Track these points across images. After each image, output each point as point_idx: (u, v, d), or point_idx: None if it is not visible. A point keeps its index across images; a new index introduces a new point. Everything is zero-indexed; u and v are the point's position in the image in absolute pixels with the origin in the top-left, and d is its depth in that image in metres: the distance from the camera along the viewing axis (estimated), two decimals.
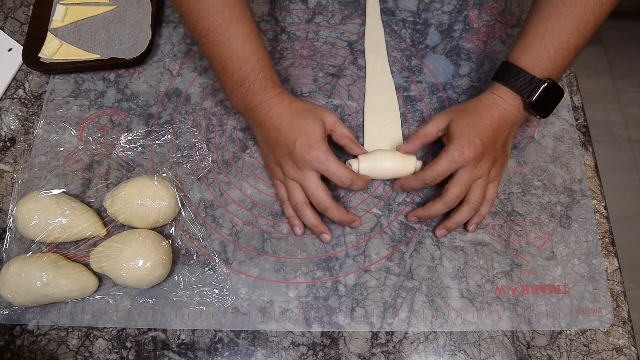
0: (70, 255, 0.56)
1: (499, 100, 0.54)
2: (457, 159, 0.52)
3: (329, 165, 0.52)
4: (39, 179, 0.60)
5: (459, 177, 0.52)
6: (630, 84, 1.60)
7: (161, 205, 0.55)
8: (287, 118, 0.53)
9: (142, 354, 0.52)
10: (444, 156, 0.52)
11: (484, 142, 0.52)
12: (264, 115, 0.54)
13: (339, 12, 0.69)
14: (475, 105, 0.54)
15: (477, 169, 0.52)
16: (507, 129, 0.54)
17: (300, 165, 0.52)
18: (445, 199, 0.53)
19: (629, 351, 0.52)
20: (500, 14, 0.68)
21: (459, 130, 0.53)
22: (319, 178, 0.53)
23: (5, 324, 0.54)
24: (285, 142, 0.53)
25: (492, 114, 0.53)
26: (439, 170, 0.53)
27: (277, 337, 0.53)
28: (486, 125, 0.52)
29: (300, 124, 0.53)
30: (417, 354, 0.52)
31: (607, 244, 0.56)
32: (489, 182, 0.54)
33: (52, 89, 0.65)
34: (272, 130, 0.54)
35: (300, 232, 0.56)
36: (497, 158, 0.54)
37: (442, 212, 0.54)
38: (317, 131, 0.52)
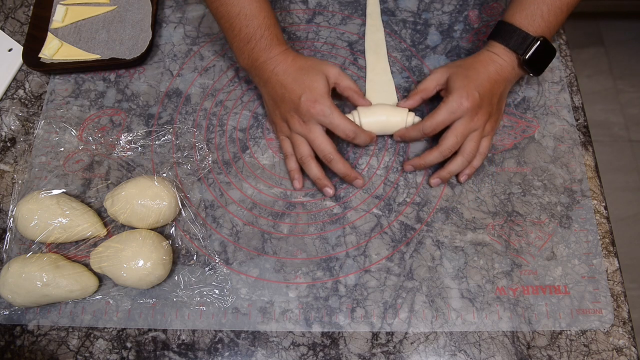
0: (70, 255, 0.56)
1: (494, 57, 0.56)
2: (456, 110, 0.54)
3: (333, 118, 0.54)
4: (39, 179, 0.60)
5: (455, 127, 0.55)
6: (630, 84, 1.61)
7: (161, 205, 0.55)
8: (292, 74, 0.55)
9: (142, 354, 0.52)
10: (443, 107, 0.55)
11: (481, 94, 0.54)
12: (270, 72, 0.56)
13: (339, 12, 0.69)
14: (473, 61, 0.57)
15: (474, 121, 0.55)
16: (503, 85, 0.57)
17: (306, 119, 0.54)
18: (440, 148, 0.55)
19: (629, 351, 0.52)
20: (500, 14, 0.68)
21: (457, 83, 0.55)
22: (323, 131, 0.55)
23: (5, 324, 0.54)
24: (290, 97, 0.55)
25: (489, 69, 0.56)
26: (438, 120, 0.55)
27: (277, 337, 0.53)
28: (483, 79, 0.55)
29: (305, 80, 0.55)
30: (417, 354, 0.52)
31: (607, 244, 0.56)
32: (483, 135, 0.56)
33: (52, 89, 0.65)
34: (277, 86, 0.56)
35: (299, 185, 0.58)
36: (492, 113, 0.57)
37: (437, 161, 0.57)
38: (320, 85, 0.54)
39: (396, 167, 0.60)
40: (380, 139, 0.61)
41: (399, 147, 0.61)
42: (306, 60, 0.57)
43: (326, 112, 0.54)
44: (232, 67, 0.66)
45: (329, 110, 0.54)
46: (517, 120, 0.62)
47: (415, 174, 0.59)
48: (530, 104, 0.63)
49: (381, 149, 0.61)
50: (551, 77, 0.64)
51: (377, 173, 0.60)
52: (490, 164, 0.60)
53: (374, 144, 0.61)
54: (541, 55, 0.56)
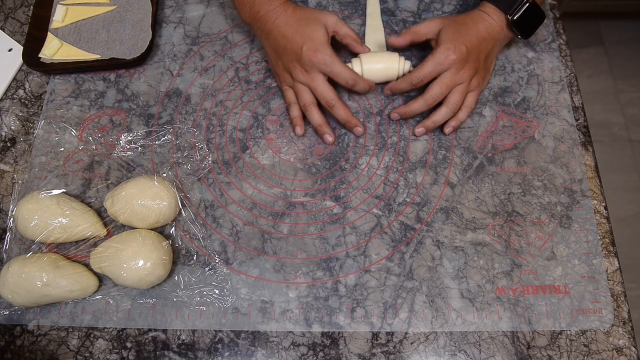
0: (70, 255, 0.56)
1: (484, 16, 0.59)
2: (442, 61, 0.56)
3: (333, 66, 0.56)
4: (39, 179, 0.60)
5: (441, 78, 0.57)
6: (630, 84, 1.61)
7: (161, 205, 0.55)
8: (293, 25, 0.57)
9: (142, 354, 0.52)
10: (431, 58, 0.57)
11: (468, 49, 0.56)
12: (271, 23, 0.58)
13: (339, 12, 0.69)
14: (464, 18, 0.59)
15: (460, 74, 0.57)
16: (491, 43, 0.59)
17: (308, 68, 0.57)
18: (425, 96, 0.58)
19: (629, 351, 0.52)
20: None
21: (447, 36, 0.57)
22: (325, 79, 0.58)
23: (5, 324, 0.54)
24: (292, 48, 0.57)
25: (478, 26, 0.58)
26: (425, 72, 0.57)
27: (277, 337, 0.53)
28: (472, 35, 0.57)
29: (305, 30, 0.56)
30: (417, 354, 0.52)
31: (607, 244, 0.56)
32: (469, 90, 0.59)
33: (52, 89, 0.65)
34: (279, 38, 0.58)
35: (301, 132, 0.61)
36: (479, 69, 0.59)
37: (422, 110, 0.59)
38: (320, 35, 0.56)
39: (396, 167, 0.60)
40: (380, 138, 0.61)
41: (399, 147, 0.61)
42: (305, 10, 0.59)
43: (327, 61, 0.56)
44: (232, 67, 0.66)
45: (330, 58, 0.56)
46: (517, 120, 0.62)
47: (415, 174, 0.59)
48: (530, 104, 0.63)
49: (381, 149, 0.61)
50: (551, 77, 0.64)
51: (377, 173, 0.60)
52: (490, 164, 0.60)
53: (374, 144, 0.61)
54: (530, 18, 0.58)
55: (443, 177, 0.59)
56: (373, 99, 0.64)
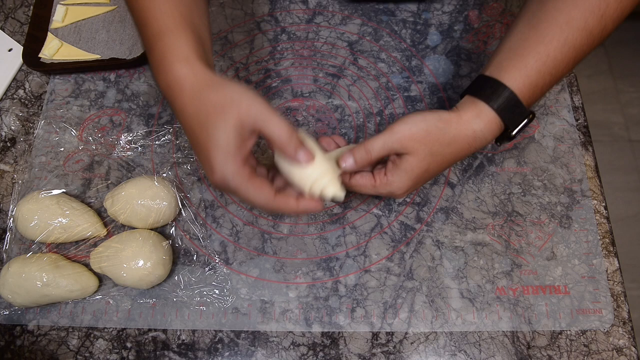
0: (70, 255, 0.56)
1: (482, 138, 0.45)
2: (383, 192, 0.47)
3: (239, 192, 0.40)
4: (39, 179, 0.60)
5: (373, 191, 0.48)
6: (630, 84, 1.61)
7: (161, 205, 0.55)
8: (189, 122, 0.40)
9: (142, 354, 0.52)
10: (373, 183, 0.47)
11: (423, 184, 0.48)
12: (172, 103, 0.41)
13: (339, 12, 0.69)
14: (452, 138, 0.45)
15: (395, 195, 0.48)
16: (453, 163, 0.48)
17: (217, 187, 0.41)
18: (354, 188, 0.48)
19: (629, 351, 0.52)
20: (500, 14, 0.68)
21: (410, 171, 0.45)
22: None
23: (5, 324, 0.54)
24: (195, 152, 0.42)
25: (459, 155, 0.46)
26: (359, 188, 0.48)
27: (277, 337, 0.53)
28: (440, 170, 0.47)
29: (201, 133, 0.39)
30: (417, 354, 0.52)
31: (607, 244, 0.56)
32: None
33: (52, 89, 0.65)
34: (184, 129, 0.41)
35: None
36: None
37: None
38: (220, 141, 0.38)
39: None
40: None
41: None
42: (208, 95, 0.39)
43: (229, 185, 0.39)
44: (232, 67, 0.66)
45: (231, 181, 0.39)
46: None
47: None
48: None
49: None
50: None
51: None
52: (490, 164, 0.60)
53: None
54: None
55: (443, 177, 0.59)
56: (373, 99, 0.64)
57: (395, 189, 0.46)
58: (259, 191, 0.40)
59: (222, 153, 0.38)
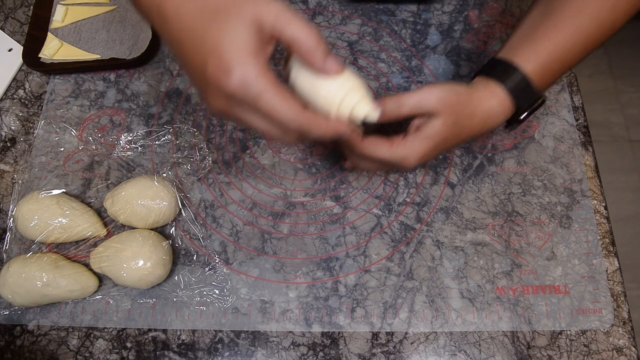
0: (70, 255, 0.56)
1: (495, 116, 0.46)
2: (396, 158, 0.45)
3: (261, 100, 0.32)
4: (39, 179, 0.60)
5: (383, 164, 0.47)
6: (630, 84, 1.61)
7: (161, 205, 0.55)
8: (187, 22, 0.32)
9: (142, 354, 0.52)
10: (389, 145, 0.44)
11: (424, 163, 0.48)
12: (156, 15, 0.34)
13: (339, 12, 0.69)
14: (472, 112, 0.45)
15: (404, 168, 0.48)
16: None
17: (223, 102, 0.34)
18: (358, 166, 0.49)
19: (629, 351, 0.52)
20: (500, 14, 0.68)
21: (430, 135, 0.44)
22: (260, 114, 0.34)
23: (5, 324, 0.54)
24: (192, 65, 0.33)
25: (473, 132, 0.47)
26: (372, 150, 0.45)
27: (277, 337, 0.53)
28: (456, 144, 0.47)
29: (210, 33, 0.31)
30: (417, 354, 0.52)
31: (607, 244, 0.56)
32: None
33: (52, 89, 0.65)
34: (172, 43, 0.34)
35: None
36: None
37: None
38: (238, 37, 0.31)
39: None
40: None
41: None
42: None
43: (249, 91, 0.31)
44: None
45: (253, 85, 0.31)
46: None
47: (415, 173, 0.59)
48: None
49: None
50: None
51: (377, 173, 0.60)
52: (490, 164, 0.60)
53: None
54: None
55: (443, 177, 0.59)
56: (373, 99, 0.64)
57: (411, 153, 0.44)
58: (286, 101, 0.32)
59: (240, 52, 0.31)
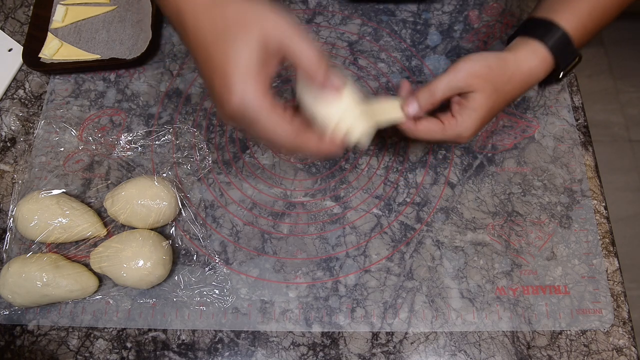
0: (70, 255, 0.56)
1: (535, 75, 0.47)
2: (451, 136, 0.46)
3: (257, 123, 0.34)
4: (39, 179, 0.60)
5: (435, 139, 0.48)
6: (630, 84, 1.61)
7: (161, 205, 0.55)
8: (202, 38, 0.34)
9: (142, 354, 0.52)
10: (441, 127, 0.46)
11: (487, 124, 0.48)
12: (178, 25, 0.36)
13: (339, 12, 0.69)
14: (510, 76, 0.46)
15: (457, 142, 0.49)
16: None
17: (228, 115, 0.35)
18: (419, 137, 0.48)
19: (629, 351, 0.52)
20: (500, 14, 0.68)
21: (477, 109, 0.45)
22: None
23: (5, 324, 0.54)
24: (205, 79, 0.36)
25: (516, 93, 0.47)
26: (427, 134, 0.47)
27: (277, 337, 0.53)
28: (503, 107, 0.47)
29: (217, 52, 0.33)
30: (417, 354, 0.52)
31: (607, 244, 0.56)
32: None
33: (52, 89, 0.65)
34: (191, 52, 0.36)
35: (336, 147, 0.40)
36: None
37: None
38: (242, 60, 0.33)
39: (396, 167, 0.60)
40: (380, 138, 0.61)
41: (399, 147, 0.61)
42: (229, 3, 0.34)
43: (247, 113, 0.33)
44: None
45: (251, 108, 0.33)
46: (517, 120, 0.62)
47: (415, 174, 0.59)
48: (530, 104, 0.63)
49: (381, 149, 0.61)
50: None
51: (377, 173, 0.60)
52: (490, 164, 0.60)
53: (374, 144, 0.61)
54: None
55: (443, 177, 0.59)
56: None
57: (464, 129, 0.46)
58: (281, 123, 0.35)
59: (242, 72, 0.32)
